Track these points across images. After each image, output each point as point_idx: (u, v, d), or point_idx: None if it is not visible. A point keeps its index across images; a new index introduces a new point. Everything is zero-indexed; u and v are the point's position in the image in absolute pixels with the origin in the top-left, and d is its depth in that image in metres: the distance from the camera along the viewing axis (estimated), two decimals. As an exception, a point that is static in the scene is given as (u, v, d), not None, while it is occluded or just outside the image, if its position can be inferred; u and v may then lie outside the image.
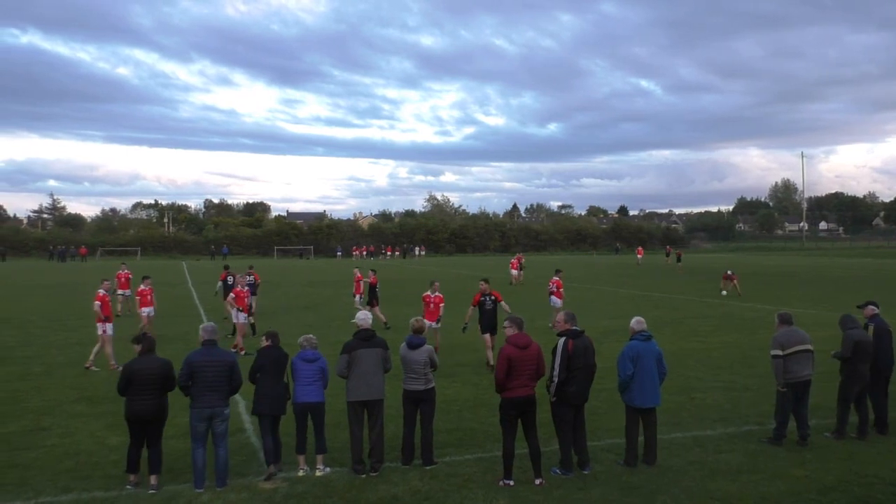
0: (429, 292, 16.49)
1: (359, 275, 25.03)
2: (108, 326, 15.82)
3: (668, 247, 75.74)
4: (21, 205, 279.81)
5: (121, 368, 14.70)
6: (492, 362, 13.94)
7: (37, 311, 26.88)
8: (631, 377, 8.94)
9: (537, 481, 8.27)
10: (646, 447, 9.05)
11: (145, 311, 19.47)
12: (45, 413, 11.85)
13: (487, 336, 15.37)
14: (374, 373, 8.91)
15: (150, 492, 8.05)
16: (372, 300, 22.95)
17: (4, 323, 23.51)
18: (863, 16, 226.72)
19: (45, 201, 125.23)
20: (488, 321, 15.42)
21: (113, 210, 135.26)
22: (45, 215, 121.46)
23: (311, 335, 9.33)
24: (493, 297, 15.58)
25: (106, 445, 9.89)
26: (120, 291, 25.71)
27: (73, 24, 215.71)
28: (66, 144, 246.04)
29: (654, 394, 8.99)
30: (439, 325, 16.62)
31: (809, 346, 9.91)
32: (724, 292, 32.27)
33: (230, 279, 26.45)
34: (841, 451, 9.58)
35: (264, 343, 9.06)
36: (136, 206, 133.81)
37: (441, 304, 16.81)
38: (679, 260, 57.38)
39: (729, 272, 33.86)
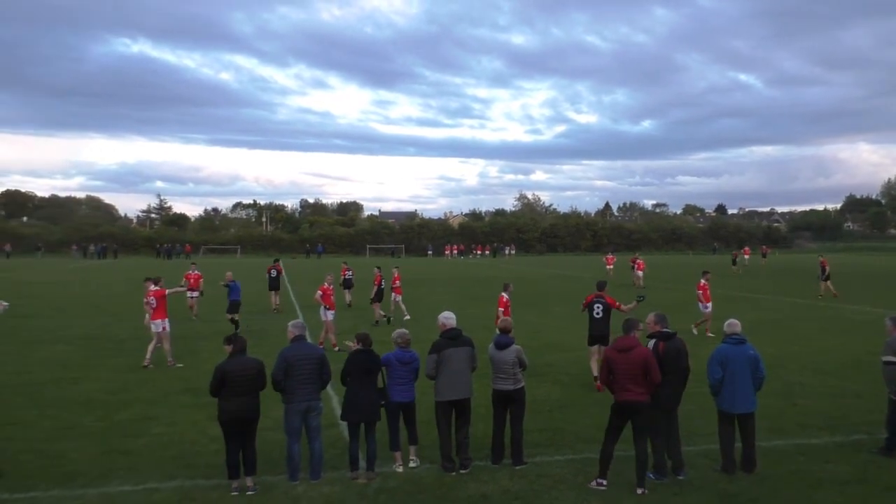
0: (504, 294, 16.21)
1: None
2: (167, 323, 16.23)
3: (763, 247, 72.54)
4: (131, 205, 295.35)
5: (179, 365, 15.31)
6: (595, 373, 13.15)
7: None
8: (720, 381, 8.66)
9: (639, 491, 8.07)
10: (744, 454, 8.73)
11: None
12: (152, 403, 12.47)
13: (594, 348, 13.59)
14: (462, 372, 8.92)
15: (249, 493, 8.12)
16: (376, 297, 23.33)
17: (116, 317, 24.88)
18: None
19: (153, 201, 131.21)
20: (597, 331, 13.64)
21: (215, 210, 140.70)
22: (153, 215, 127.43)
23: (404, 330, 9.31)
24: (605, 303, 13.67)
25: (207, 435, 10.30)
26: (189, 293, 24.39)
27: (180, 32, 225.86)
28: (172, 147, 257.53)
29: (746, 399, 8.66)
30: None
31: (926, 353, 9.31)
32: (823, 295, 30.83)
33: (273, 272, 27.33)
34: (961, 464, 8.97)
35: (355, 346, 8.97)
36: (236, 205, 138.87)
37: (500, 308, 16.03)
38: (734, 262, 51.62)
39: (820, 258, 32.70)
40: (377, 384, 8.86)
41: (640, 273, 37.72)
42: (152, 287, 16.66)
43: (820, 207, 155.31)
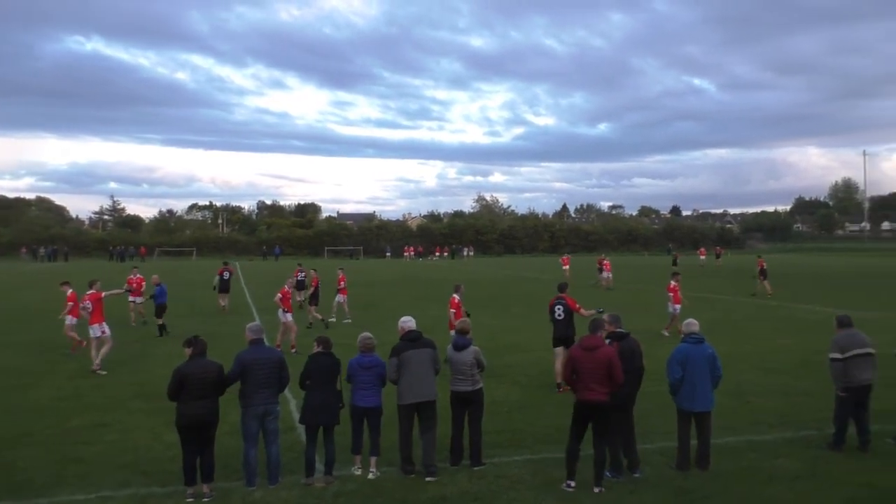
0: (455, 295, 16.21)
1: (341, 275, 24.68)
2: (105, 327, 15.71)
3: (717, 248, 73.60)
4: (83, 206, 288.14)
5: (101, 373, 15.00)
6: (559, 380, 13.12)
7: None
8: (680, 381, 8.80)
9: (596, 489, 8.16)
10: (699, 451, 8.89)
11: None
12: (105, 409, 12.21)
13: (559, 349, 13.29)
14: (424, 374, 8.88)
15: (205, 500, 8.01)
16: (312, 300, 23.59)
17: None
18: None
19: (106, 203, 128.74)
20: (559, 332, 13.42)
21: (170, 211, 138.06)
22: (106, 216, 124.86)
23: (368, 335, 9.20)
24: (566, 305, 13.39)
25: (163, 442, 10.13)
26: (132, 298, 23.39)
27: (135, 31, 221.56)
28: (126, 147, 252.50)
29: (705, 397, 8.82)
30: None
31: (870, 350, 9.62)
32: (766, 294, 31.83)
33: (226, 274, 27.09)
34: (904, 458, 9.28)
35: (315, 349, 8.93)
36: (192, 207, 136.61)
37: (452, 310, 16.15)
38: (675, 263, 50.78)
39: (758, 257, 33.62)
40: (336, 387, 8.80)
41: (609, 274, 37.94)
42: (70, 292, 16.36)
43: (771, 209, 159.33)
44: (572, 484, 8.20)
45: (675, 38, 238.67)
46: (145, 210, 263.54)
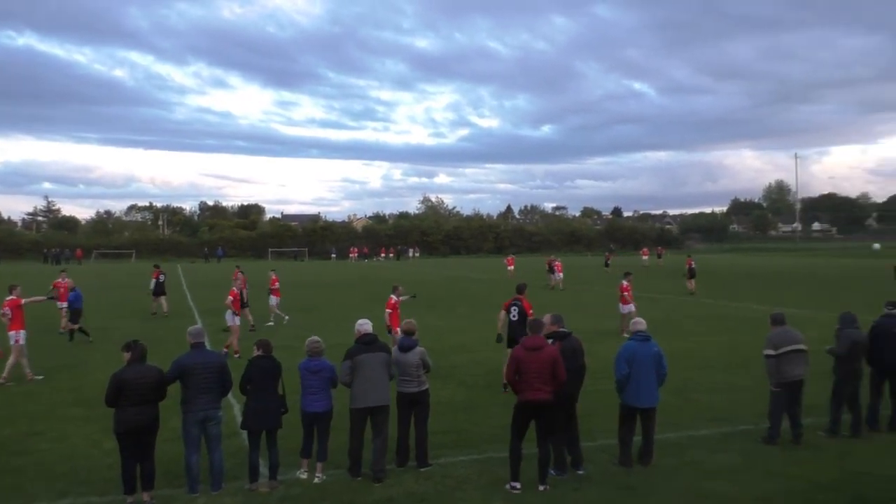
0: (392, 296, 16.17)
1: (274, 277, 24.74)
2: (21, 335, 14.94)
3: (659, 248, 75.13)
4: (15, 207, 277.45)
5: (37, 378, 14.47)
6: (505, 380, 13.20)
7: (28, 315, 26.70)
8: (626, 377, 8.95)
9: (541, 487, 8.22)
10: (643, 447, 9.06)
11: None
12: (39, 417, 11.81)
13: (511, 350, 13.10)
14: (378, 378, 8.78)
15: None
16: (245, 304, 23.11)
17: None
18: (855, 19, 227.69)
19: (40, 203, 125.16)
20: (513, 334, 13.07)
21: (107, 212, 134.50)
22: (40, 217, 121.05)
23: (317, 338, 9.05)
24: (521, 307, 13.28)
25: (101, 450, 9.84)
26: (60, 304, 21.92)
27: (70, 26, 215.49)
28: (62, 147, 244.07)
29: (650, 394, 8.98)
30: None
31: (803, 346, 9.97)
32: (692, 293, 33.03)
33: (161, 277, 26.66)
34: (835, 449, 9.65)
35: (255, 352, 8.77)
36: (131, 208, 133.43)
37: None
38: (606, 264, 52.39)
39: (688, 256, 34.98)
40: (278, 391, 8.67)
41: (561, 275, 38.29)
42: (11, 297, 15.77)
43: (708, 210, 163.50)
44: (517, 486, 8.21)
45: (617, 42, 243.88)
46: (82, 211, 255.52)
